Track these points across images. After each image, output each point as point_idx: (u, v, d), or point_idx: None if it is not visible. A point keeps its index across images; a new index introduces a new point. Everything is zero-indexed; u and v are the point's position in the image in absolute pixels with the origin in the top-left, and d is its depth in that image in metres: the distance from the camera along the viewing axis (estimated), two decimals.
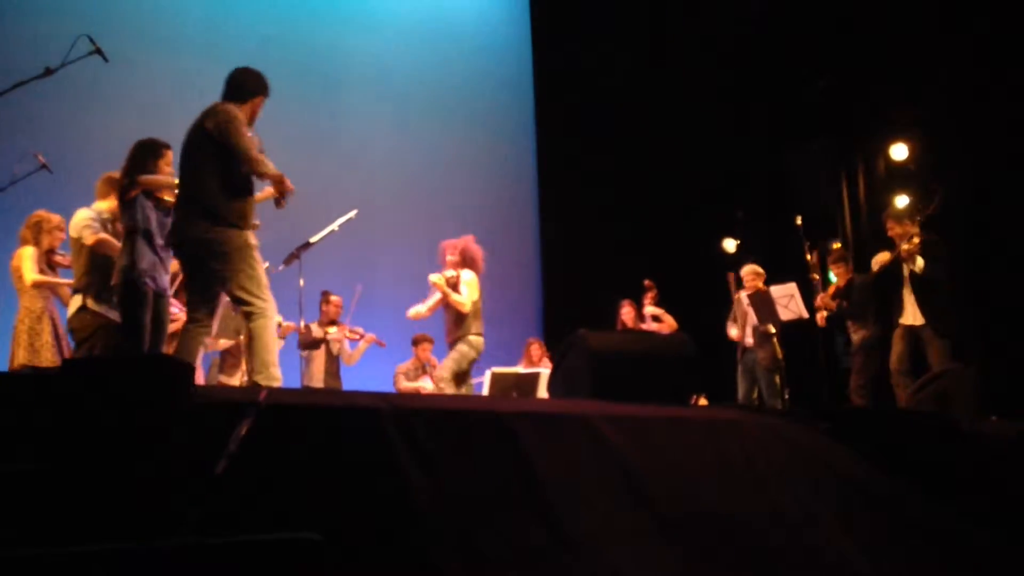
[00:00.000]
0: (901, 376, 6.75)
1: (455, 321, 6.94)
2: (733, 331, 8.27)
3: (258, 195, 4.75)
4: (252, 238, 4.53)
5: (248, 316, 4.44)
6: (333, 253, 8.04)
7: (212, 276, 4.51)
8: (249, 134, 4.55)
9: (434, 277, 6.95)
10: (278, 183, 4.62)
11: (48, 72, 4.58)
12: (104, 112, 7.67)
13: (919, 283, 6.77)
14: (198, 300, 4.59)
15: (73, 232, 5.37)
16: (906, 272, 6.88)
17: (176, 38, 8.61)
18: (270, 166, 4.55)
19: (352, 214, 6.45)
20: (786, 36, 9.72)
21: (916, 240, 6.73)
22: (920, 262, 6.72)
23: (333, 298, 8.16)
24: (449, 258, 7.04)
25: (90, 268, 5.31)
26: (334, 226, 6.43)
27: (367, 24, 10.20)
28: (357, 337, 8.09)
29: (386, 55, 10.20)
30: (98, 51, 4.71)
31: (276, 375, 4.40)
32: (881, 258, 7.09)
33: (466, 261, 7.05)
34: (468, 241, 7.14)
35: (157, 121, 6.18)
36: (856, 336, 7.50)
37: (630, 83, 10.59)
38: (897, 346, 6.88)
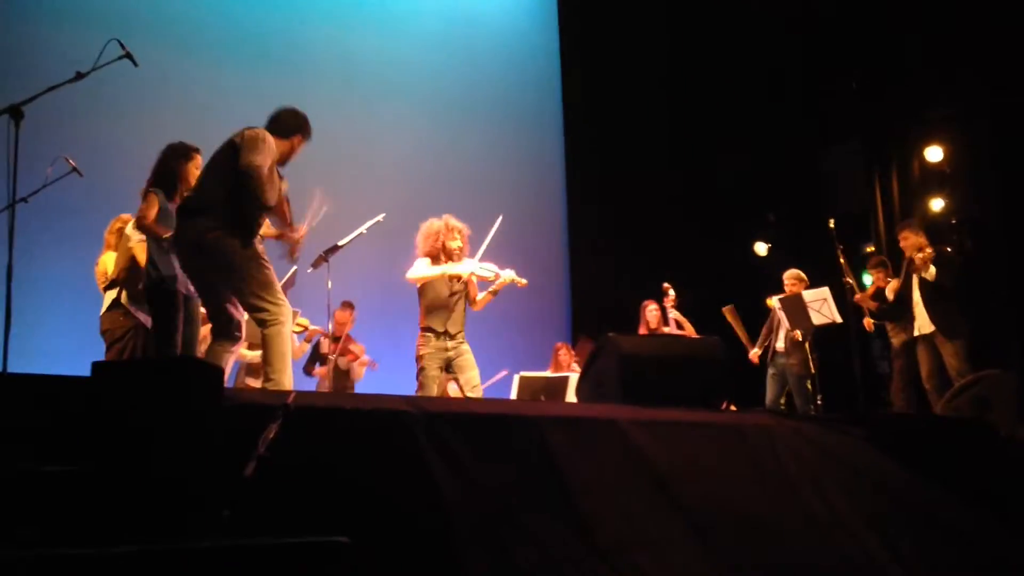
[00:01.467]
0: (935, 392, 6.77)
1: (462, 314, 6.17)
2: (752, 353, 8.17)
3: (267, 230, 4.58)
4: (257, 244, 4.37)
5: (261, 323, 4.29)
6: (361, 256, 8.04)
7: (218, 283, 4.37)
8: (270, 165, 4.38)
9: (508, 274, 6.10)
10: (281, 226, 4.50)
11: (79, 76, 4.59)
12: (134, 116, 7.71)
13: (929, 291, 6.92)
14: (211, 308, 4.47)
15: (127, 229, 5.36)
16: (915, 282, 7.00)
17: (205, 43, 8.66)
18: (273, 198, 4.35)
19: (380, 217, 6.44)
20: (819, 37, 9.63)
21: (929, 251, 6.90)
22: (933, 270, 6.87)
23: (337, 314, 7.86)
24: (460, 245, 6.17)
25: (129, 264, 5.29)
26: (362, 229, 6.41)
27: (394, 26, 10.21)
28: (353, 358, 8.01)
29: (414, 57, 10.21)
30: (128, 55, 4.70)
31: (286, 383, 4.26)
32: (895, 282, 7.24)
33: None
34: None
35: (187, 124, 6.20)
36: (897, 339, 7.43)
37: (660, 83, 10.53)
38: (924, 362, 6.97)
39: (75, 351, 6.26)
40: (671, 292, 7.94)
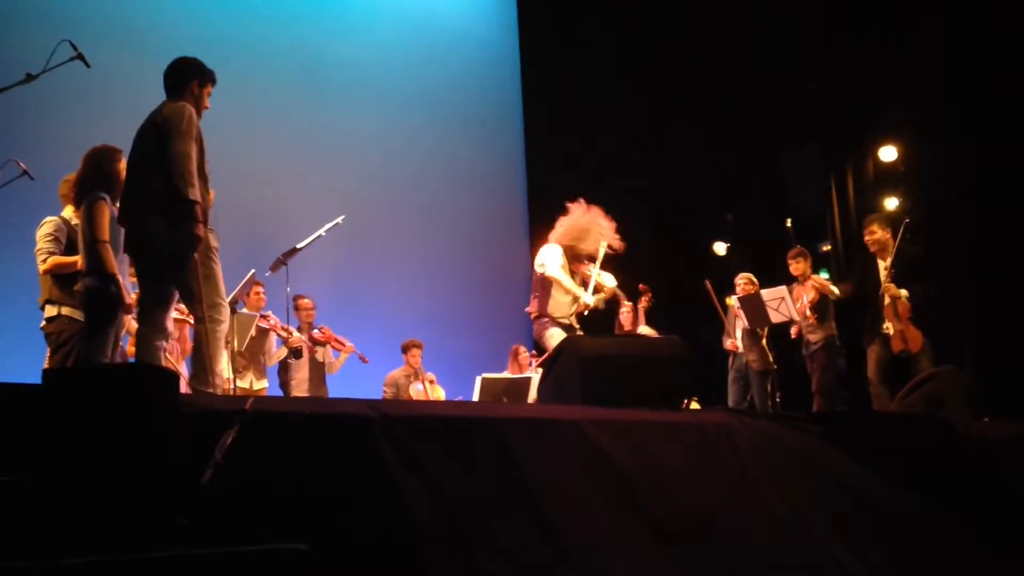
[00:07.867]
0: (880, 385, 6.68)
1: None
2: (728, 342, 8.24)
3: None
4: (211, 239, 4.27)
5: (197, 319, 4.24)
6: (320, 259, 7.98)
7: (162, 274, 4.27)
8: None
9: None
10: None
11: (30, 78, 4.50)
12: (86, 118, 7.56)
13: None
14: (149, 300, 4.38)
15: (38, 244, 5.26)
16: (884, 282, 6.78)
17: (160, 44, 8.50)
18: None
19: (339, 219, 6.41)
20: (775, 40, 9.72)
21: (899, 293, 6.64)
22: (904, 293, 6.65)
23: (303, 302, 7.87)
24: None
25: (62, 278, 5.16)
26: (321, 231, 6.38)
27: (354, 28, 10.15)
28: (340, 347, 7.95)
29: (373, 59, 10.16)
30: (80, 57, 4.62)
31: (216, 382, 4.20)
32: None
33: None
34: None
35: (138, 126, 6.10)
36: (815, 336, 7.40)
37: (620, 86, 10.57)
38: (874, 356, 6.78)
39: (26, 357, 6.15)
40: (648, 293, 7.95)
